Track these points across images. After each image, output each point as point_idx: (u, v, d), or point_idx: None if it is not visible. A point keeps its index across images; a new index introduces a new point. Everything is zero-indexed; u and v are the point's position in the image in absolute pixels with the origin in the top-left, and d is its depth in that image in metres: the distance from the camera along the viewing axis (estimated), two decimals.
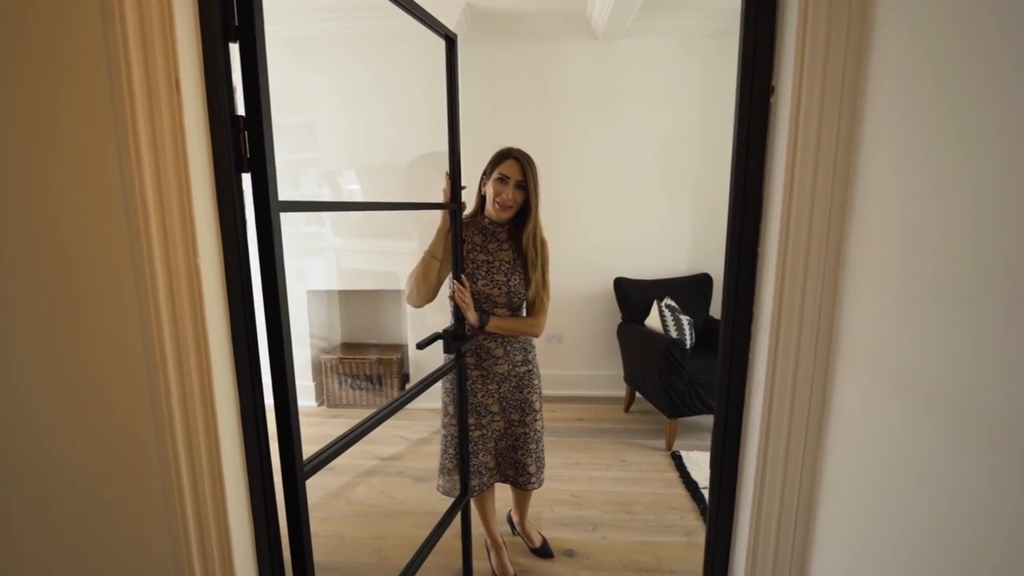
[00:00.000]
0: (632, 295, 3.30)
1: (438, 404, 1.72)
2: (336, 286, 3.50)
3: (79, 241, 0.74)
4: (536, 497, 2.39)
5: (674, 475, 2.59)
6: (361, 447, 2.97)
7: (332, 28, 3.11)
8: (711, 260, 3.55)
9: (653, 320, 3.11)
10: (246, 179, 0.80)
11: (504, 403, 1.69)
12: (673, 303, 3.15)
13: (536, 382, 1.73)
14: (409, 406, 2.88)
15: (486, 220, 1.61)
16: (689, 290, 3.37)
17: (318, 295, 3.62)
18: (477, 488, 1.72)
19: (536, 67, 3.38)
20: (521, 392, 1.69)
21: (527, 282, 1.59)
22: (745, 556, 0.80)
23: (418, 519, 2.28)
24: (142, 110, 0.68)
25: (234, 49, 0.77)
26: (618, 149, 3.45)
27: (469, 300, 1.51)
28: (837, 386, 0.67)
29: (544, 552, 2.00)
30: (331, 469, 2.68)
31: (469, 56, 3.36)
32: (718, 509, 0.85)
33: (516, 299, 1.60)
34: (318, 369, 3.57)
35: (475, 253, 1.58)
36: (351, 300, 3.87)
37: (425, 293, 1.59)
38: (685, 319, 3.07)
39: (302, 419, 3.20)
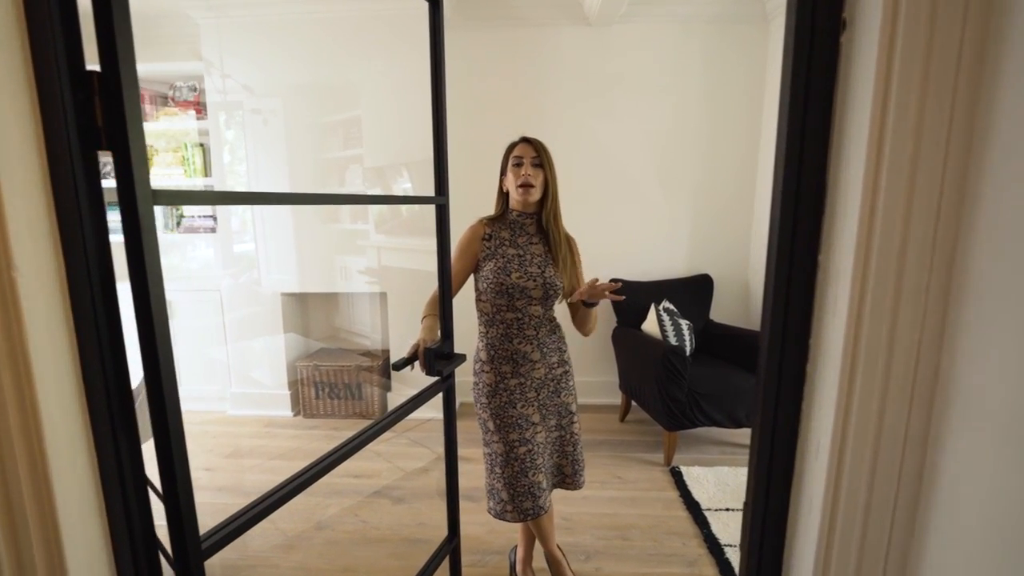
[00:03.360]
0: (628, 298, 3.09)
1: (426, 415, 1.45)
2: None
3: None
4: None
5: (674, 494, 2.39)
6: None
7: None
8: (711, 260, 3.35)
9: (650, 324, 2.91)
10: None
11: (544, 411, 1.58)
12: (671, 306, 2.95)
13: (572, 383, 1.65)
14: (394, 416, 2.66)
15: (513, 214, 1.56)
16: (688, 292, 3.17)
17: (294, 298, 3.39)
18: (532, 512, 1.54)
19: (525, 55, 3.16)
20: (559, 396, 1.60)
21: (560, 272, 1.54)
22: None
23: (393, 548, 2.07)
24: None
25: None
26: (613, 142, 3.24)
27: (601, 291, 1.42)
28: (945, 463, 0.45)
29: None
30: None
31: (454, 43, 3.14)
32: None
33: (552, 291, 1.52)
34: (293, 377, 3.34)
35: (504, 248, 1.52)
36: (329, 303, 3.64)
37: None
38: (684, 323, 2.87)
39: (275, 431, 2.95)
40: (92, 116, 0.56)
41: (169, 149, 3.24)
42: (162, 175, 3.24)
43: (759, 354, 0.57)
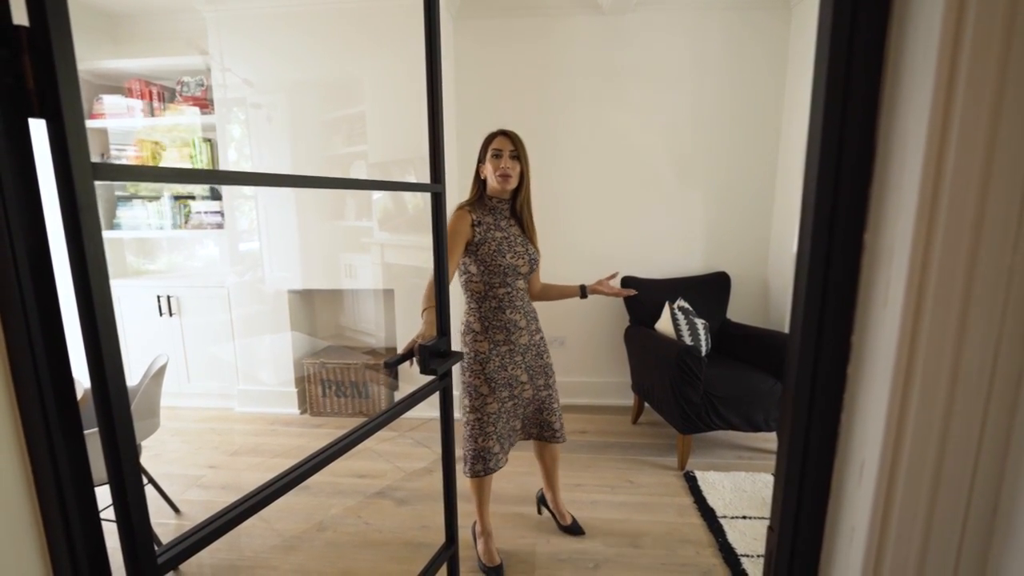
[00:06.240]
0: (641, 295, 2.99)
1: (430, 414, 1.47)
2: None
3: None
4: (532, 526, 2.12)
5: (688, 500, 2.29)
6: (341, 463, 2.70)
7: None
8: (728, 257, 3.23)
9: (664, 323, 2.80)
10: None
11: (530, 371, 1.81)
12: (687, 304, 2.85)
13: (546, 346, 1.88)
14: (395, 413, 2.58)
15: (493, 200, 1.73)
16: (704, 290, 3.06)
17: (301, 295, 3.35)
18: (497, 463, 1.77)
19: (537, 45, 3.08)
20: (541, 358, 1.84)
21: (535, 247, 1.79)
22: None
23: (394, 551, 2.00)
24: None
25: None
26: (626, 135, 3.14)
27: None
28: None
29: (575, 530, 2.05)
30: (305, 488, 2.41)
31: (464, 34, 3.07)
32: None
33: (534, 264, 1.76)
34: (300, 374, 3.30)
35: (492, 231, 1.68)
36: (335, 300, 3.60)
37: None
38: (700, 323, 2.76)
39: (281, 428, 2.89)
40: (22, 78, 0.50)
41: (177, 145, 3.22)
42: None
43: (788, 353, 0.48)
